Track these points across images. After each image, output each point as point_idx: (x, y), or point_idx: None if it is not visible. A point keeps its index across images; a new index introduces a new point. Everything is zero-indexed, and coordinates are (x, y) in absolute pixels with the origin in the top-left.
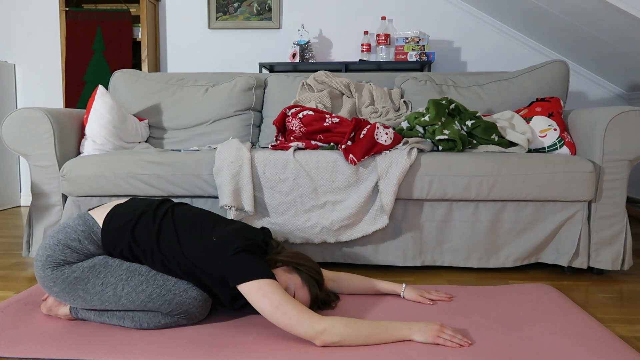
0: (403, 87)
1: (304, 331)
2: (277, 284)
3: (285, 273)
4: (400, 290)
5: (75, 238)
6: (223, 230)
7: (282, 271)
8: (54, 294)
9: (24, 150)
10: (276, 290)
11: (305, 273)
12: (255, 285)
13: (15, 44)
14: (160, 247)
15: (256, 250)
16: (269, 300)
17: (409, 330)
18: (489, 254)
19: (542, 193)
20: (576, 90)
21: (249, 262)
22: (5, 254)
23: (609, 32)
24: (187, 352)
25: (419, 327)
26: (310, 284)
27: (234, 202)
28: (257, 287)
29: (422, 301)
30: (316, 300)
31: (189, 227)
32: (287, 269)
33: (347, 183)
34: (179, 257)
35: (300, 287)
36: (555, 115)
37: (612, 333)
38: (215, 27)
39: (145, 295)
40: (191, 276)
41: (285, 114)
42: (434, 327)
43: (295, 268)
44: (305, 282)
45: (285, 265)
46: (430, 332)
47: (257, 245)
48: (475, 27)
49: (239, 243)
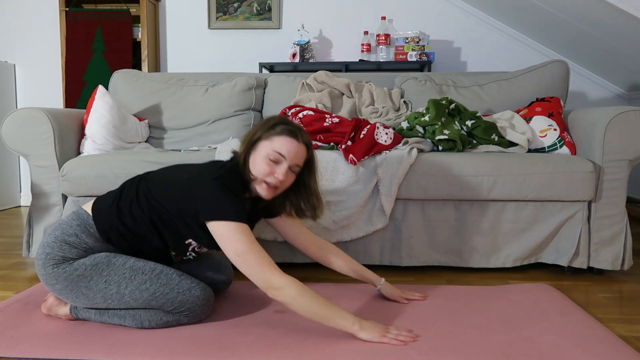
0: (403, 87)
1: (260, 282)
2: (247, 230)
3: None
4: (378, 283)
5: (72, 233)
6: (196, 167)
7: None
8: (57, 292)
9: (24, 150)
10: (244, 236)
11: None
12: (225, 226)
13: (15, 44)
14: (139, 200)
15: (231, 185)
16: (234, 246)
17: (357, 325)
18: (489, 254)
19: (542, 193)
20: (576, 90)
21: (223, 200)
22: (5, 254)
23: (609, 32)
24: (187, 352)
25: (367, 325)
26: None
27: None
28: (226, 229)
29: (398, 299)
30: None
31: (163, 171)
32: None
33: (347, 183)
34: (152, 200)
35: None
36: (555, 115)
37: (612, 333)
38: (215, 27)
39: (149, 293)
40: (157, 221)
41: (286, 114)
42: (381, 327)
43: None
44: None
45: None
46: (376, 332)
47: (231, 178)
48: (475, 27)
49: (216, 174)
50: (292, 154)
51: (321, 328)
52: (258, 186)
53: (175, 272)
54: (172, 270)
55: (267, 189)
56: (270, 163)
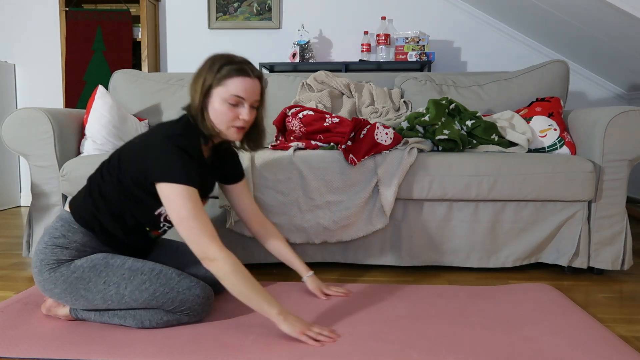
0: (403, 87)
1: (197, 251)
2: (194, 195)
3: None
4: (305, 275)
5: (59, 235)
6: (150, 129)
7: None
8: (55, 297)
9: (24, 150)
10: (189, 202)
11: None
12: (172, 189)
13: (15, 44)
14: (105, 180)
15: (185, 143)
16: (178, 210)
17: (282, 316)
18: (489, 254)
19: (542, 193)
20: (576, 90)
21: (173, 161)
22: (5, 254)
23: (609, 32)
24: (187, 352)
25: (292, 319)
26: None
27: None
28: (173, 191)
29: (318, 295)
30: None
31: (122, 145)
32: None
33: (347, 183)
34: (114, 174)
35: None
36: (555, 115)
37: (612, 333)
38: (215, 27)
39: (149, 293)
40: (125, 194)
41: (285, 114)
42: (304, 324)
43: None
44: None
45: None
46: (298, 327)
47: (187, 135)
48: (475, 27)
49: (169, 132)
50: (249, 92)
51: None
52: (227, 131)
53: (174, 271)
54: (171, 270)
55: (237, 131)
56: (232, 108)
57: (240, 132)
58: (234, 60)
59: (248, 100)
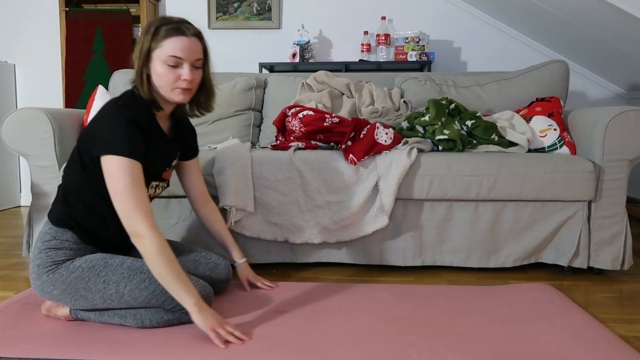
0: (403, 87)
1: (128, 226)
2: (134, 169)
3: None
4: (237, 261)
5: (49, 238)
6: (104, 106)
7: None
8: (55, 298)
9: (24, 150)
10: (128, 176)
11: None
12: (112, 161)
13: (15, 44)
14: (71, 170)
15: (131, 113)
16: (115, 183)
17: (197, 307)
18: (489, 254)
19: (542, 193)
20: (576, 90)
21: (116, 133)
22: (5, 254)
23: (609, 32)
24: (187, 352)
25: (207, 312)
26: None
27: (235, 202)
28: (112, 164)
29: (244, 284)
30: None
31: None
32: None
33: (347, 183)
34: (77, 161)
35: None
36: (555, 115)
37: (612, 333)
38: (215, 27)
39: (149, 292)
40: (91, 180)
41: (285, 114)
42: (218, 321)
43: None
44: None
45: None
46: (210, 322)
47: (134, 105)
48: (475, 27)
49: (116, 104)
50: (187, 51)
51: (321, 328)
52: (172, 94)
53: None
54: None
55: (182, 92)
56: (172, 69)
57: (185, 93)
58: (170, 21)
59: (187, 59)
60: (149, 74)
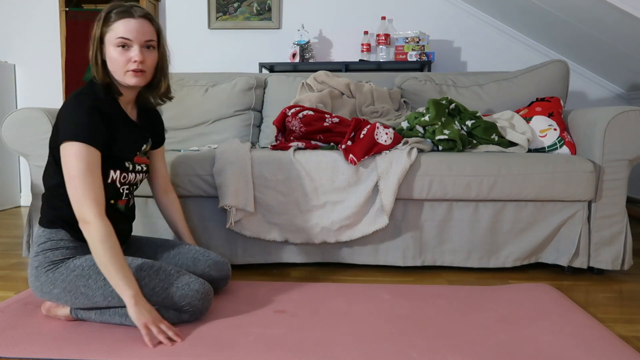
0: (403, 87)
1: (77, 210)
2: (89, 156)
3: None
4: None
5: (44, 240)
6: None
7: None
8: (55, 298)
9: (24, 150)
10: (82, 162)
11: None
12: (68, 147)
13: (15, 44)
14: (50, 166)
15: (89, 100)
16: (68, 168)
17: (134, 300)
18: (489, 254)
19: (542, 193)
20: (576, 90)
21: (75, 119)
22: (5, 254)
23: (609, 32)
24: (187, 352)
25: (144, 307)
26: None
27: (235, 202)
28: (68, 150)
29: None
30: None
31: None
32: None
33: (347, 183)
34: (55, 155)
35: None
36: (555, 115)
37: (612, 333)
38: (215, 27)
39: (149, 288)
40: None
41: (285, 114)
42: (152, 317)
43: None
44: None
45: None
46: (144, 317)
47: (91, 90)
48: (475, 27)
49: (77, 91)
50: (134, 33)
51: (321, 328)
52: (125, 77)
53: (173, 268)
54: (170, 267)
55: (134, 75)
56: (122, 51)
57: (138, 76)
58: (118, 5)
59: (136, 40)
60: (105, 59)
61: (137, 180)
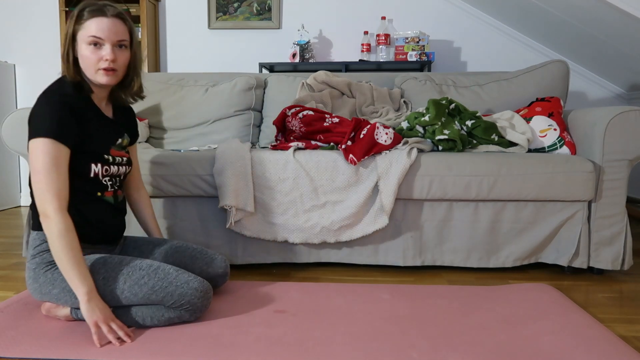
0: (403, 87)
1: (38, 203)
2: (54, 151)
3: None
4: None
5: (39, 243)
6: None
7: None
8: (54, 298)
9: (23, 150)
10: (46, 157)
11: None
12: (34, 143)
13: (15, 44)
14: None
15: (56, 96)
16: (33, 163)
17: (87, 297)
18: (489, 254)
19: (542, 193)
20: (576, 90)
21: (42, 115)
22: (5, 254)
23: (609, 32)
24: (187, 352)
25: (95, 305)
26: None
27: (235, 202)
28: (34, 145)
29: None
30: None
31: None
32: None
33: (347, 183)
34: None
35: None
36: (555, 115)
37: (612, 333)
38: (215, 27)
39: (148, 287)
40: None
41: (285, 114)
42: (104, 316)
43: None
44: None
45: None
46: (95, 315)
47: (61, 87)
48: (475, 27)
49: (46, 88)
50: (106, 32)
51: (321, 328)
52: (96, 76)
53: (172, 267)
54: (169, 266)
55: (105, 74)
56: (94, 49)
57: (109, 75)
58: (93, 3)
59: (108, 39)
60: (77, 56)
61: (120, 172)
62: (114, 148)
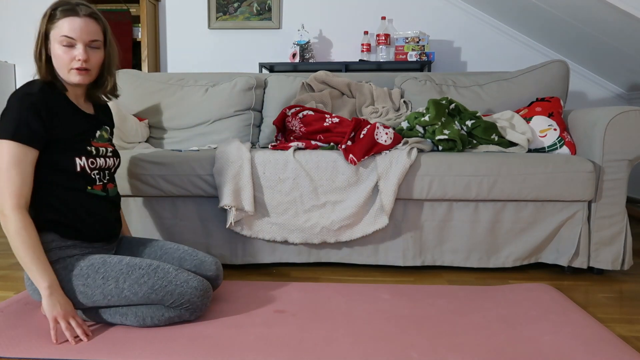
0: (403, 87)
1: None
2: (16, 152)
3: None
4: None
5: None
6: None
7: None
8: None
9: None
10: (8, 156)
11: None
12: (2, 144)
13: (15, 44)
14: None
15: (27, 96)
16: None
17: (49, 291)
18: (489, 254)
19: (542, 193)
20: (576, 90)
21: (9, 117)
22: (6, 254)
23: (609, 32)
24: (187, 352)
25: (56, 300)
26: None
27: (234, 202)
28: (2, 147)
29: None
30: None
31: None
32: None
33: (347, 183)
34: None
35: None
36: (555, 115)
37: (612, 333)
38: (215, 27)
39: (148, 286)
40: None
41: (285, 114)
42: (64, 312)
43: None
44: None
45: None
46: (55, 310)
47: (32, 86)
48: (475, 27)
49: (17, 89)
50: (78, 32)
51: (321, 328)
52: (69, 76)
53: (171, 266)
54: (168, 265)
55: (78, 73)
56: (66, 49)
57: (82, 74)
58: (65, 2)
59: (80, 39)
60: (49, 55)
61: (108, 165)
62: (95, 140)
